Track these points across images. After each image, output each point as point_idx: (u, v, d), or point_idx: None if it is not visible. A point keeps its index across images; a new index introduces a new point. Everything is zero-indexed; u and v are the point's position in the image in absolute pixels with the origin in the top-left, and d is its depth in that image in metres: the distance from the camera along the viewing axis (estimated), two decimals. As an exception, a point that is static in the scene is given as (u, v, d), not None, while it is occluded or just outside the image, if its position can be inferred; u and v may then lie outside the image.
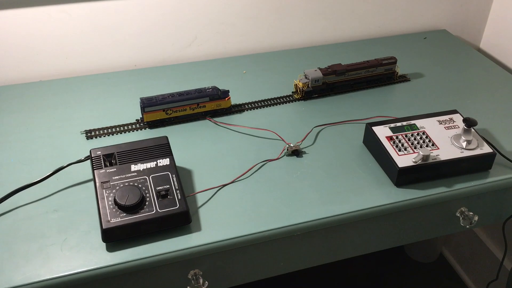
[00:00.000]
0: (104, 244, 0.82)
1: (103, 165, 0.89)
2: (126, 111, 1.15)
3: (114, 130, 1.09)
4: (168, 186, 0.86)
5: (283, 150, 1.03)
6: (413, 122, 1.02)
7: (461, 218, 0.99)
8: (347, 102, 1.19)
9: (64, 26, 1.23)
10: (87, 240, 0.83)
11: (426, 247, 1.90)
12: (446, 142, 0.98)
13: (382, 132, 1.00)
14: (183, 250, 0.82)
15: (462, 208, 0.99)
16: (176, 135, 1.07)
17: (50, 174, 0.93)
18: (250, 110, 1.16)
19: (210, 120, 1.12)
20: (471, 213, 0.98)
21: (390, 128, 1.01)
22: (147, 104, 1.07)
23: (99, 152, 0.91)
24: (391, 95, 1.22)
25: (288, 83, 1.25)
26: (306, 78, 1.19)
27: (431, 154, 0.95)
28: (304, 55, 1.39)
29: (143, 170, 0.88)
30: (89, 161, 0.96)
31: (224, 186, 0.94)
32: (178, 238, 0.83)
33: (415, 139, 0.98)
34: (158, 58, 1.35)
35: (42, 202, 0.90)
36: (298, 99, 1.20)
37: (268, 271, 0.93)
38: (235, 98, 1.19)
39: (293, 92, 1.22)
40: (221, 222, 0.87)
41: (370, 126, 1.01)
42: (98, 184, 0.86)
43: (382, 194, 0.93)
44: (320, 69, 1.19)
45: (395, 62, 1.24)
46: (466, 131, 0.97)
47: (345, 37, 1.48)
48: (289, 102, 1.19)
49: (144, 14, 1.28)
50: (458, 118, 1.04)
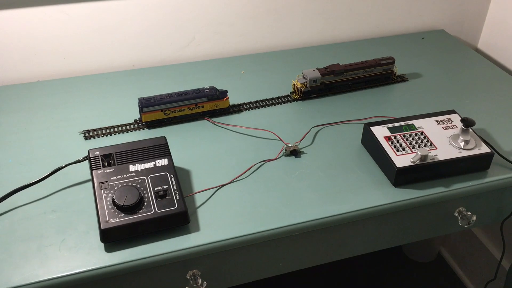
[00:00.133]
0: (102, 244, 0.82)
1: (101, 165, 0.89)
2: (125, 111, 1.15)
3: (112, 130, 1.09)
4: (166, 187, 0.86)
5: (282, 150, 1.03)
6: (411, 122, 1.02)
7: (459, 218, 0.99)
8: (345, 102, 1.19)
9: (62, 26, 1.23)
10: (86, 240, 0.83)
11: (424, 247, 1.90)
12: (444, 142, 0.99)
13: (380, 132, 1.00)
14: (182, 250, 0.82)
15: (460, 208, 0.99)
16: (174, 136, 1.07)
17: (48, 174, 0.93)
18: (249, 110, 1.16)
19: (209, 120, 1.12)
20: (469, 213, 0.98)
21: (388, 128, 1.01)
22: (146, 104, 1.07)
23: (98, 152, 0.91)
24: (389, 95, 1.22)
25: (286, 83, 1.25)
26: (304, 78, 1.19)
27: (429, 154, 0.95)
28: (302, 55, 1.39)
29: (142, 170, 0.88)
30: (87, 161, 0.96)
31: (222, 186, 0.94)
32: (177, 239, 0.83)
33: (413, 139, 0.99)
34: (157, 58, 1.35)
35: (40, 202, 0.90)
36: (297, 99, 1.20)
37: (266, 271, 0.93)
38: (234, 98, 1.19)
39: (291, 92, 1.22)
40: (219, 222, 0.87)
41: (368, 126, 1.01)
42: (96, 184, 0.86)
43: (380, 194, 0.93)
44: (318, 69, 1.19)
45: (393, 62, 1.24)
46: (464, 131, 0.97)
47: (343, 37, 1.48)
48: (287, 102, 1.19)
49: (142, 14, 1.27)
50: (456, 118, 1.04)
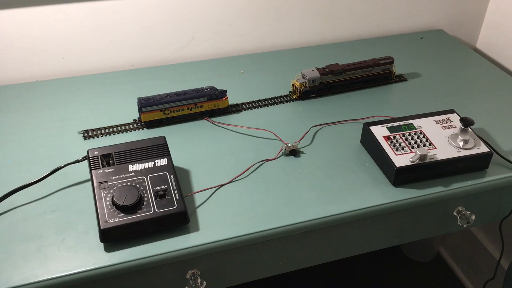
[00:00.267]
0: (102, 244, 0.82)
1: (101, 165, 0.89)
2: (124, 111, 1.14)
3: (111, 130, 1.09)
4: (166, 186, 0.86)
5: (281, 150, 1.03)
6: (410, 121, 1.03)
7: (458, 218, 0.99)
8: (345, 102, 1.19)
9: (61, 26, 1.23)
10: (85, 240, 0.83)
11: (423, 247, 1.90)
12: (443, 141, 0.99)
13: (380, 131, 1.00)
14: (181, 250, 0.82)
15: (459, 207, 0.99)
16: (173, 135, 1.07)
17: (48, 174, 0.93)
18: (248, 110, 1.16)
19: (208, 120, 1.12)
20: (468, 212, 0.98)
21: (388, 127, 1.01)
22: (145, 104, 1.07)
23: (97, 152, 0.91)
24: (388, 95, 1.22)
25: (285, 83, 1.25)
26: (303, 78, 1.19)
27: (428, 154, 0.95)
28: (301, 55, 1.39)
29: (141, 170, 0.88)
30: (86, 161, 0.96)
31: (222, 186, 0.94)
32: (176, 238, 0.83)
33: (412, 139, 0.99)
34: (156, 58, 1.35)
35: (40, 202, 0.90)
36: (296, 99, 1.20)
37: (266, 271, 0.93)
38: (233, 98, 1.19)
39: (290, 92, 1.22)
40: (219, 222, 0.87)
41: (367, 126, 1.02)
42: (95, 184, 0.86)
43: (380, 194, 0.93)
44: (317, 69, 1.19)
45: (392, 62, 1.24)
46: (463, 131, 0.98)
47: (342, 37, 1.48)
48: (286, 102, 1.19)
49: (141, 14, 1.27)
50: (455, 118, 1.04)
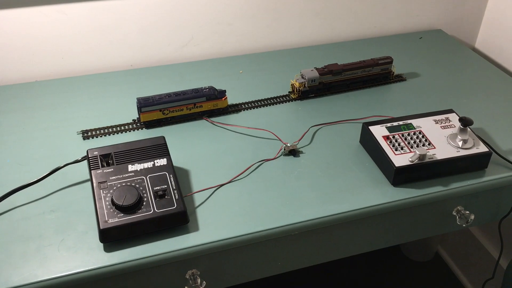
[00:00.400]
0: (101, 244, 0.82)
1: (100, 165, 0.89)
2: (123, 111, 1.14)
3: (110, 130, 1.08)
4: (165, 186, 0.86)
5: (280, 150, 1.03)
6: (409, 121, 1.03)
7: (457, 217, 0.99)
8: (344, 101, 1.19)
9: (60, 26, 1.23)
10: (85, 240, 0.83)
11: (422, 246, 1.90)
12: (442, 141, 0.99)
13: (379, 131, 1.00)
14: (181, 250, 0.82)
15: (458, 207, 0.99)
16: (173, 135, 1.07)
17: (47, 174, 0.93)
18: (247, 110, 1.16)
19: (207, 120, 1.12)
20: (467, 212, 0.99)
21: (387, 127, 1.01)
22: (144, 104, 1.07)
23: (96, 152, 0.91)
24: (387, 95, 1.22)
25: (284, 83, 1.26)
26: (302, 78, 1.19)
27: (428, 154, 0.95)
28: (300, 55, 1.39)
29: (141, 170, 0.88)
30: (86, 161, 0.96)
31: (221, 186, 0.94)
32: (176, 238, 0.83)
33: (412, 139, 0.99)
34: (155, 58, 1.35)
35: (39, 202, 0.90)
36: (295, 99, 1.20)
37: (266, 271, 0.93)
38: (232, 98, 1.19)
39: (289, 92, 1.22)
40: (218, 222, 0.87)
41: (366, 126, 1.02)
42: (95, 184, 0.86)
43: (379, 194, 0.93)
44: (316, 68, 1.19)
45: (391, 62, 1.24)
46: (462, 131, 0.98)
47: (341, 37, 1.48)
48: (285, 102, 1.19)
49: (140, 14, 1.27)
50: (454, 118, 1.05)
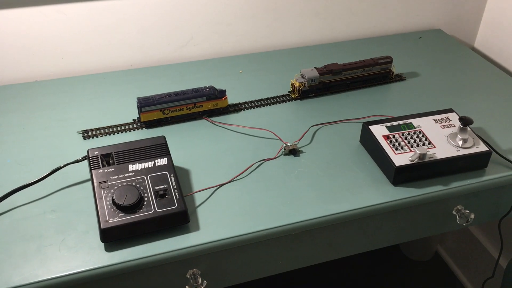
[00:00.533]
0: (102, 244, 0.82)
1: (101, 165, 0.89)
2: (123, 111, 1.14)
3: (111, 130, 1.08)
4: (166, 186, 0.86)
5: (280, 149, 1.03)
6: (409, 121, 1.03)
7: (457, 216, 0.99)
8: (344, 101, 1.20)
9: (60, 26, 1.23)
10: (85, 240, 0.83)
11: (422, 246, 1.91)
12: (442, 140, 0.99)
13: (379, 131, 1.00)
14: (182, 249, 0.82)
15: (458, 206, 0.99)
16: (173, 135, 1.07)
17: (47, 174, 0.93)
18: (247, 109, 1.16)
19: (207, 119, 1.12)
20: (468, 211, 0.99)
21: (387, 127, 1.01)
22: (144, 104, 1.07)
23: (97, 152, 0.91)
24: (387, 94, 1.23)
25: (284, 83, 1.26)
26: (302, 77, 1.19)
27: (428, 153, 0.95)
28: (300, 55, 1.39)
29: (141, 170, 0.88)
30: (86, 161, 0.96)
31: (221, 185, 0.94)
32: (177, 238, 0.83)
33: (412, 138, 0.99)
34: (155, 58, 1.35)
35: (40, 202, 0.90)
36: (295, 99, 1.20)
37: (266, 270, 0.94)
38: (232, 98, 1.19)
39: (289, 91, 1.22)
40: (219, 221, 0.87)
41: (367, 125, 1.02)
42: (96, 184, 0.86)
43: (379, 193, 0.93)
44: (316, 68, 1.20)
45: (391, 62, 1.24)
46: (462, 130, 0.98)
47: (341, 36, 1.49)
48: (285, 102, 1.19)
49: (140, 14, 1.27)
50: (454, 117, 1.05)
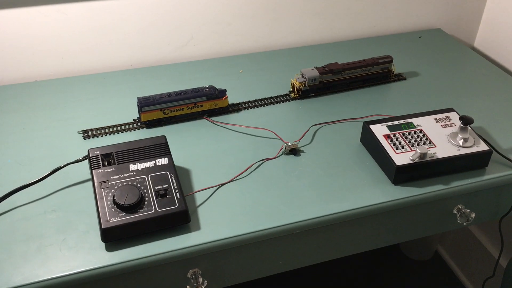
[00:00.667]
0: (103, 244, 0.82)
1: (102, 164, 0.89)
2: (123, 111, 1.14)
3: (111, 130, 1.08)
4: (166, 186, 0.86)
5: (281, 149, 1.03)
6: (410, 120, 1.03)
7: (458, 216, 0.99)
8: (344, 101, 1.20)
9: (60, 26, 1.22)
10: (86, 240, 0.83)
11: (422, 245, 1.91)
12: (443, 140, 0.99)
13: (380, 130, 1.00)
14: (182, 249, 0.82)
15: (459, 205, 0.99)
16: (173, 135, 1.07)
17: (48, 174, 0.93)
18: (247, 109, 1.16)
19: (208, 119, 1.12)
20: (468, 210, 0.99)
21: (387, 126, 1.01)
22: (144, 103, 1.07)
23: (97, 152, 0.91)
24: (388, 94, 1.23)
25: (285, 82, 1.26)
26: (303, 77, 1.19)
27: (428, 152, 0.95)
28: (300, 54, 1.39)
29: (142, 169, 0.88)
30: (86, 161, 0.96)
31: (222, 185, 0.94)
32: (177, 237, 0.83)
33: (412, 137, 0.99)
34: (155, 58, 1.35)
35: (40, 202, 0.90)
36: (295, 98, 1.20)
37: (267, 270, 0.94)
38: (232, 98, 1.19)
39: (290, 91, 1.22)
40: (220, 221, 0.87)
41: (367, 125, 1.02)
42: (96, 183, 0.85)
43: (380, 192, 0.93)
44: (316, 68, 1.20)
45: (391, 61, 1.24)
46: (463, 129, 0.98)
47: (341, 36, 1.49)
48: (286, 101, 1.19)
49: (140, 13, 1.27)
50: (454, 116, 1.05)
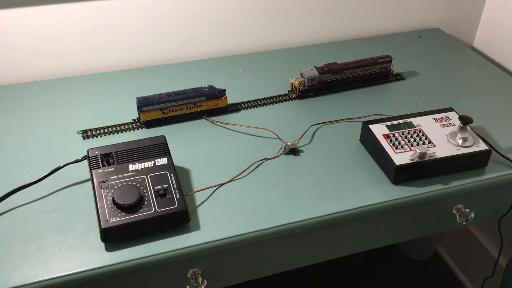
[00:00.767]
0: (102, 244, 0.82)
1: (101, 164, 0.89)
2: (123, 111, 1.14)
3: (110, 130, 1.08)
4: (166, 185, 0.86)
5: (280, 149, 1.03)
6: (409, 120, 1.03)
7: (457, 215, 0.99)
8: (343, 100, 1.20)
9: (59, 25, 1.22)
10: (86, 240, 0.83)
11: (421, 245, 1.91)
12: (442, 139, 0.99)
13: (379, 130, 1.00)
14: (182, 249, 0.82)
15: (458, 205, 0.99)
16: (173, 135, 1.07)
17: (47, 174, 0.93)
18: (247, 109, 1.16)
19: (207, 119, 1.12)
20: (468, 210, 0.99)
21: (387, 126, 1.01)
22: (144, 103, 1.07)
23: (97, 151, 0.91)
24: (387, 94, 1.23)
25: (284, 82, 1.26)
26: (302, 77, 1.19)
27: (428, 152, 0.95)
28: (300, 54, 1.39)
29: (141, 169, 0.88)
30: (86, 161, 0.96)
31: (222, 185, 0.94)
32: (177, 237, 0.83)
33: (412, 137, 0.99)
34: (154, 58, 1.35)
35: (40, 202, 0.90)
36: (295, 98, 1.20)
37: (266, 270, 0.94)
38: (232, 97, 1.19)
39: (289, 91, 1.22)
40: (219, 220, 0.87)
41: (367, 124, 1.02)
42: (96, 183, 0.85)
43: (380, 192, 0.93)
44: (316, 68, 1.20)
45: (391, 61, 1.25)
46: (462, 129, 0.98)
47: (340, 36, 1.49)
48: (285, 101, 1.19)
49: (139, 13, 1.27)
50: (453, 116, 1.05)
